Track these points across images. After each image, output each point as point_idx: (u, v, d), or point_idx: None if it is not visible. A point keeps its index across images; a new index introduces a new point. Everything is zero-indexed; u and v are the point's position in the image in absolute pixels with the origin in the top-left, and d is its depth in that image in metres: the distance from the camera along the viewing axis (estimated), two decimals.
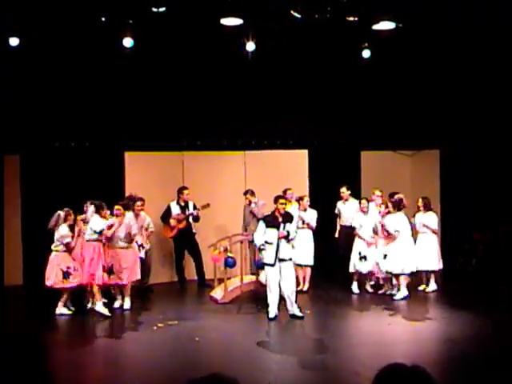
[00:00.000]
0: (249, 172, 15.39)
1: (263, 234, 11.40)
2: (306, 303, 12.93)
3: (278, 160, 15.41)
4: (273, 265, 11.33)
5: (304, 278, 13.83)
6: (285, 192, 13.79)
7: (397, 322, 11.18)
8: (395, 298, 12.76)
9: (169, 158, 15.03)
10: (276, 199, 11.59)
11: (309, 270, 13.79)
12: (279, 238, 11.31)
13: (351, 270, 13.55)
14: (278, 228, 11.33)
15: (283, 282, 11.41)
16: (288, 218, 11.49)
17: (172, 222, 14.18)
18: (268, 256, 11.39)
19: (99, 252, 11.70)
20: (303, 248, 13.51)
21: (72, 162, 14.43)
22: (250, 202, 14.21)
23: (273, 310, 11.40)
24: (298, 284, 13.80)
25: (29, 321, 11.81)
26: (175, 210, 14.20)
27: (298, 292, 13.47)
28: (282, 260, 11.38)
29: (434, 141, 15.75)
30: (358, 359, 8.96)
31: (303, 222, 13.59)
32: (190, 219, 14.27)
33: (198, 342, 10.00)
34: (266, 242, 11.36)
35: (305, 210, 13.65)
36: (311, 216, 13.68)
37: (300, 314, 11.50)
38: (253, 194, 14.24)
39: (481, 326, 10.60)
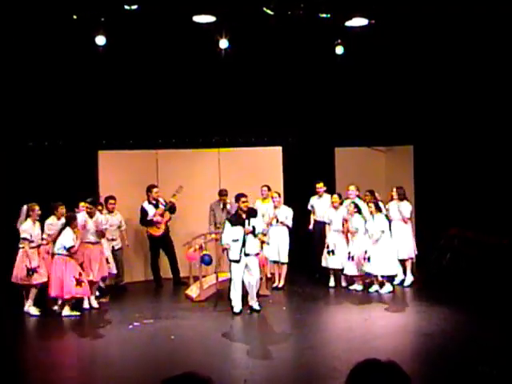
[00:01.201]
0: (223, 169, 15.37)
1: (229, 233, 11.62)
2: (281, 300, 12.97)
3: (253, 157, 15.41)
4: (238, 261, 11.51)
5: (280, 275, 13.85)
6: (261, 189, 13.92)
7: (373, 316, 11.23)
8: (381, 292, 12.91)
9: (142, 155, 14.94)
10: (237, 198, 11.84)
11: (284, 267, 13.80)
12: (246, 234, 11.57)
13: (322, 264, 13.66)
14: (242, 225, 11.60)
15: (249, 275, 11.64)
16: (252, 213, 11.81)
17: (156, 218, 14.09)
18: (233, 253, 11.61)
19: (66, 265, 11.65)
20: (279, 245, 13.57)
21: (45, 161, 14.32)
22: (225, 203, 14.16)
23: (237, 305, 11.61)
24: (273, 281, 13.88)
25: None
26: (150, 209, 14.12)
27: (273, 289, 13.57)
28: (247, 255, 11.60)
29: (408, 137, 15.84)
30: (336, 354, 8.99)
31: (277, 221, 13.62)
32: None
33: (173, 341, 10.00)
34: (233, 240, 11.54)
35: (276, 207, 13.71)
36: (286, 214, 13.69)
37: (258, 308, 11.75)
38: (227, 194, 14.21)
39: (456, 321, 10.68)
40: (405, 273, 13.60)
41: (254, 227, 11.63)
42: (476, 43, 13.33)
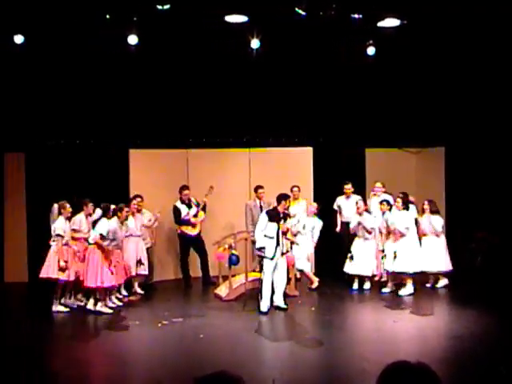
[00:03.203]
0: (253, 169, 15.37)
1: (263, 228, 11.64)
2: (310, 300, 12.93)
3: (283, 157, 15.40)
4: (272, 258, 11.55)
5: (308, 278, 13.79)
6: (291, 189, 13.89)
7: (402, 318, 11.16)
8: (400, 293, 12.80)
9: (173, 155, 15.01)
10: (286, 197, 11.84)
11: (305, 272, 13.68)
12: (284, 233, 11.69)
13: (344, 269, 13.59)
14: (278, 223, 11.61)
15: (278, 274, 11.72)
16: (285, 214, 11.89)
17: (193, 220, 14.12)
18: (268, 250, 11.56)
19: (100, 255, 11.69)
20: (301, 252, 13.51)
21: (77, 159, 14.45)
22: (260, 198, 14.10)
23: (265, 304, 11.62)
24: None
25: (29, 318, 11.76)
26: (183, 208, 14.13)
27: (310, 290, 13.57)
28: (282, 254, 11.73)
29: (440, 138, 15.73)
30: (364, 356, 8.93)
31: (304, 227, 13.52)
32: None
33: (202, 339, 10.01)
34: (265, 236, 11.57)
35: (308, 215, 13.66)
36: (314, 225, 13.62)
37: (284, 306, 11.80)
38: (262, 187, 14.22)
39: (486, 324, 10.60)
40: (436, 282, 13.50)
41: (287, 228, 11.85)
42: (510, 43, 13.20)
